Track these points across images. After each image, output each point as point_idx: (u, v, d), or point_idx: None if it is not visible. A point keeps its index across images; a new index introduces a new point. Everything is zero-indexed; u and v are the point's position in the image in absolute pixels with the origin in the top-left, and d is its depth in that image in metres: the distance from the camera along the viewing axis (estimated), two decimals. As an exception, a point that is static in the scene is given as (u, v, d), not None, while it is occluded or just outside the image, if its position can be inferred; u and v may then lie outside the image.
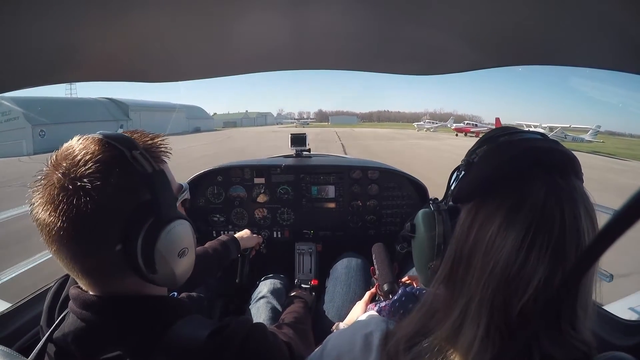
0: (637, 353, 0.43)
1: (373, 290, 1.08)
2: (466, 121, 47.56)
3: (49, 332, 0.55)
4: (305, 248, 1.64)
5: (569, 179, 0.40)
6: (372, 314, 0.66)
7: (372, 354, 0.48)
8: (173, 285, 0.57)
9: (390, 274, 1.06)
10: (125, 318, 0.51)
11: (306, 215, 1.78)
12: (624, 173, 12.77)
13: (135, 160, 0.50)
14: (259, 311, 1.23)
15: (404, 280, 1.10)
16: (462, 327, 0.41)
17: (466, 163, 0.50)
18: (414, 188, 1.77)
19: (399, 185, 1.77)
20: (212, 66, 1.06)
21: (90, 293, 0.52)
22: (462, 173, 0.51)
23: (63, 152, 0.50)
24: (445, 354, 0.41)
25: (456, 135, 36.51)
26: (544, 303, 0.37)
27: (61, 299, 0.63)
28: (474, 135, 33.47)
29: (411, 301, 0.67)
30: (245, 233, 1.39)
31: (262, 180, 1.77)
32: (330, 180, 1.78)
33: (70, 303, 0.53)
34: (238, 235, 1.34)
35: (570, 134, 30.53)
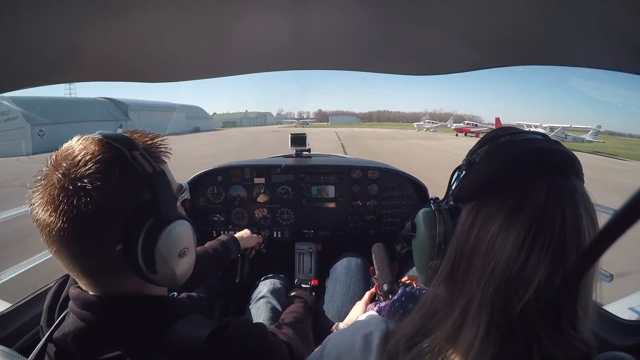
0: (637, 353, 0.43)
1: (373, 290, 1.08)
2: (466, 121, 47.55)
3: (49, 332, 0.55)
4: (305, 248, 1.64)
5: (570, 180, 0.40)
6: (372, 314, 0.66)
7: (372, 354, 0.48)
8: (173, 286, 0.57)
9: (390, 274, 1.06)
10: (125, 318, 0.51)
11: (306, 215, 1.78)
12: (624, 173, 12.77)
13: (135, 161, 0.50)
14: (259, 311, 1.23)
15: (403, 280, 1.10)
16: (463, 327, 0.41)
17: (467, 163, 0.50)
18: (414, 188, 1.77)
19: (399, 185, 1.77)
20: (212, 66, 1.06)
21: (90, 293, 0.52)
22: (463, 173, 0.51)
23: (63, 153, 0.50)
24: (446, 354, 0.41)
25: (456, 135, 36.51)
26: (544, 303, 0.37)
27: (61, 299, 0.63)
28: (474, 135, 33.47)
29: (411, 301, 0.67)
30: (245, 233, 1.39)
31: (262, 180, 1.77)
32: (330, 180, 1.78)
33: (70, 303, 0.53)
34: (238, 235, 1.34)
35: (570, 134, 30.49)
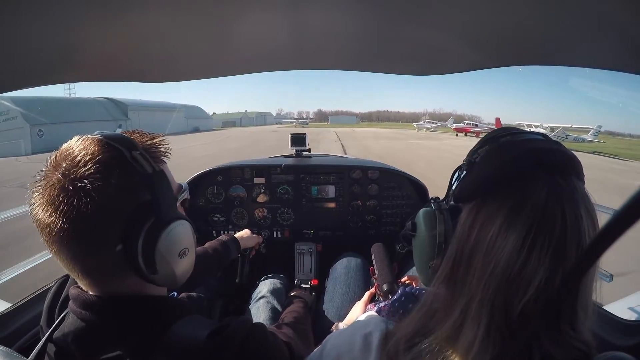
0: (637, 353, 0.43)
1: (372, 290, 1.08)
2: (466, 121, 47.53)
3: (49, 332, 0.55)
4: (305, 248, 1.64)
5: (570, 180, 0.40)
6: (372, 314, 0.66)
7: (372, 354, 0.48)
8: (173, 286, 0.57)
9: (389, 274, 1.06)
10: (125, 318, 0.51)
11: (306, 215, 1.78)
12: (625, 174, 12.77)
13: (135, 161, 0.50)
14: (258, 311, 1.23)
15: (403, 280, 1.10)
16: (463, 327, 0.41)
17: (468, 163, 0.50)
18: (414, 188, 1.77)
19: (399, 185, 1.77)
20: (212, 66, 1.06)
21: (90, 293, 0.52)
22: (464, 173, 0.51)
23: (62, 153, 0.50)
24: (445, 354, 0.41)
25: (456, 135, 36.51)
26: (544, 303, 0.37)
27: (61, 299, 0.63)
28: (474, 135, 33.46)
29: (411, 301, 0.67)
30: (245, 233, 1.39)
31: (262, 180, 1.77)
32: (330, 180, 1.78)
33: (70, 303, 0.53)
34: (238, 235, 1.34)
35: (571, 134, 30.47)
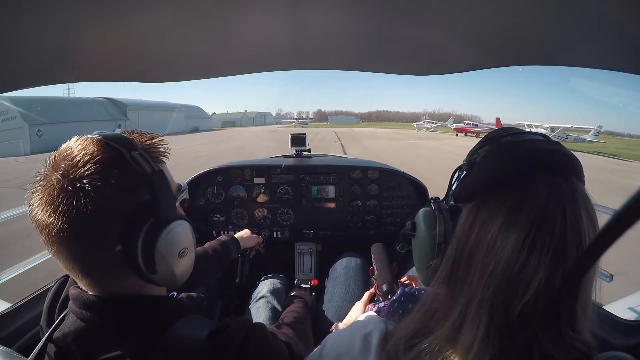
0: (637, 353, 0.43)
1: (372, 290, 1.08)
2: (466, 121, 47.52)
3: (49, 332, 0.55)
4: (305, 248, 1.64)
5: (571, 181, 0.40)
6: (371, 314, 0.66)
7: (371, 354, 0.48)
8: (173, 286, 0.57)
9: (389, 274, 1.06)
10: (125, 318, 0.51)
11: (306, 215, 1.78)
12: (626, 174, 12.75)
13: (134, 161, 0.50)
14: (258, 311, 1.23)
15: (403, 280, 1.10)
16: (462, 328, 0.41)
17: (468, 163, 0.50)
18: (414, 188, 1.77)
19: (399, 185, 1.77)
20: (212, 66, 1.06)
21: (90, 293, 0.52)
22: (464, 173, 0.51)
23: (62, 153, 0.50)
24: (445, 355, 0.41)
25: (456, 135, 36.50)
26: (544, 304, 0.37)
27: (61, 299, 0.63)
28: (474, 135, 33.45)
29: (410, 301, 0.67)
30: (245, 233, 1.39)
31: (262, 180, 1.77)
32: (330, 180, 1.78)
33: (70, 303, 0.53)
34: (238, 235, 1.34)
35: (572, 134, 30.45)
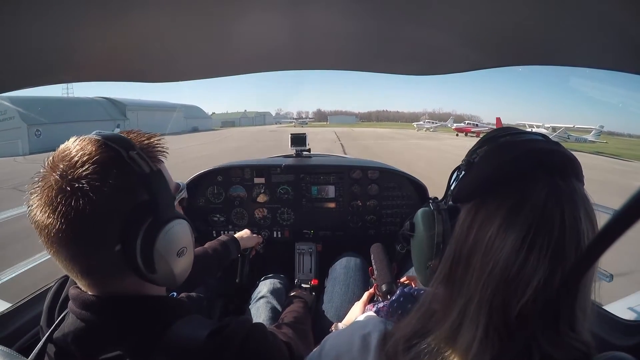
0: (637, 353, 0.43)
1: (371, 290, 1.08)
2: (466, 121, 47.48)
3: (49, 332, 0.55)
4: (305, 248, 1.65)
5: (570, 181, 0.40)
6: (370, 314, 0.66)
7: (371, 354, 0.48)
8: (172, 285, 0.57)
9: (388, 274, 1.06)
10: (124, 318, 0.51)
11: (306, 215, 1.78)
12: (627, 174, 12.74)
13: (133, 161, 0.50)
14: (258, 311, 1.23)
15: (402, 280, 1.09)
16: (461, 328, 0.41)
17: (467, 163, 0.50)
18: (414, 188, 1.77)
19: (398, 185, 1.77)
20: (212, 66, 1.06)
21: (90, 293, 0.52)
22: (463, 173, 0.51)
23: (60, 154, 0.50)
24: (444, 355, 0.41)
25: (456, 135, 36.49)
26: (543, 304, 0.37)
27: (61, 299, 0.63)
28: (474, 135, 33.41)
29: (409, 302, 0.66)
30: (245, 233, 1.39)
31: (262, 180, 1.77)
32: (330, 180, 1.78)
33: (70, 303, 0.53)
34: (238, 235, 1.34)
35: (573, 134, 30.41)
